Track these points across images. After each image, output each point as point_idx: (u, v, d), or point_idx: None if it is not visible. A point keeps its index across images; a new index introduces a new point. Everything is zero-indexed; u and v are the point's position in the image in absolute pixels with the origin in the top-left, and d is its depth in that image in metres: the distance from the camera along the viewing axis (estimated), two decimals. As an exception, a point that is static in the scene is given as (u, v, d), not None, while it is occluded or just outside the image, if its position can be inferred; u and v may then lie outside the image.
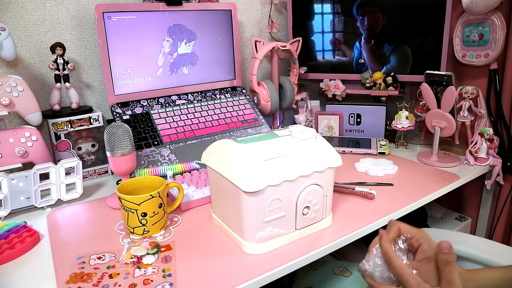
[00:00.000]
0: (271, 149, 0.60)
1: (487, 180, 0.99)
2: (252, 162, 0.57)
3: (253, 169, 0.56)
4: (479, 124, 0.99)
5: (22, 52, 0.92)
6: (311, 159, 0.61)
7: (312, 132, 0.64)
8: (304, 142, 0.63)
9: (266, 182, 0.55)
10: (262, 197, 0.56)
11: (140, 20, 0.97)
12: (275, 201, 0.58)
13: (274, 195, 0.57)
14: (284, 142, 0.63)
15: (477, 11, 0.94)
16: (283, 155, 0.60)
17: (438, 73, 0.91)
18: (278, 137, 0.64)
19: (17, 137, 0.81)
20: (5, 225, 0.68)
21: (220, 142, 0.64)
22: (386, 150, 1.03)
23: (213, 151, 0.65)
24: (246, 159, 0.57)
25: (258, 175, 0.55)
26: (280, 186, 0.57)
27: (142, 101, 1.00)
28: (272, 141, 0.63)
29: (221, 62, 1.14)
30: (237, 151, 0.59)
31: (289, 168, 0.58)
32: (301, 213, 0.62)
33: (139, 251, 0.59)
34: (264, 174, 0.56)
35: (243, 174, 0.56)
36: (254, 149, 0.59)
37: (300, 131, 0.64)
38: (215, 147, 0.65)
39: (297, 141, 0.63)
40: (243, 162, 0.57)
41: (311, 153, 0.62)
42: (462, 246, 0.79)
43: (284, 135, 0.65)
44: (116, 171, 0.75)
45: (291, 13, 1.26)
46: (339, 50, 1.26)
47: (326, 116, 1.17)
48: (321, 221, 0.66)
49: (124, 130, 0.74)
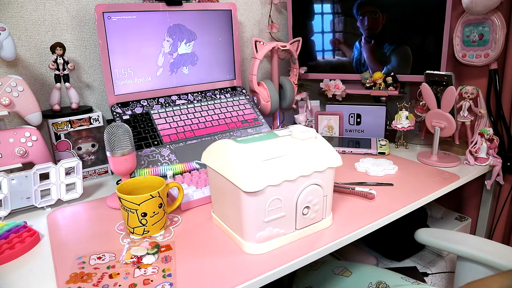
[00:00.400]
0: (271, 149, 0.60)
1: (487, 180, 0.99)
2: (252, 162, 0.57)
3: (253, 169, 0.56)
4: (479, 124, 0.99)
5: (22, 52, 0.92)
6: (311, 159, 0.61)
7: (312, 132, 0.64)
8: (304, 142, 0.63)
9: (266, 182, 0.56)
10: (262, 197, 0.56)
11: (140, 20, 0.97)
12: (275, 201, 0.58)
13: (274, 195, 0.57)
14: (284, 142, 0.63)
15: (477, 11, 0.94)
16: (283, 155, 0.60)
17: (438, 73, 0.91)
18: (278, 137, 0.64)
19: (17, 137, 0.81)
20: (5, 225, 0.68)
21: (220, 142, 0.64)
22: (386, 150, 1.03)
23: (213, 151, 0.65)
24: (246, 159, 0.57)
25: (258, 175, 0.55)
26: (280, 186, 0.57)
27: (142, 101, 1.00)
28: (272, 141, 0.63)
29: (221, 62, 1.14)
30: (237, 151, 0.59)
31: (289, 168, 0.58)
32: (301, 213, 0.62)
33: (139, 251, 0.59)
34: (264, 174, 0.56)
35: (243, 174, 0.56)
36: (254, 149, 0.59)
37: (300, 131, 0.64)
38: (215, 147, 0.65)
39: (297, 141, 0.63)
40: (243, 162, 0.57)
41: (311, 153, 0.62)
42: (462, 246, 0.79)
43: (284, 135, 0.65)
44: (116, 171, 0.75)
45: (291, 13, 1.26)
46: (339, 50, 1.26)
47: (326, 116, 1.17)
48: (321, 221, 0.66)
49: (124, 130, 0.74)
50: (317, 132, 0.66)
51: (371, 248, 1.30)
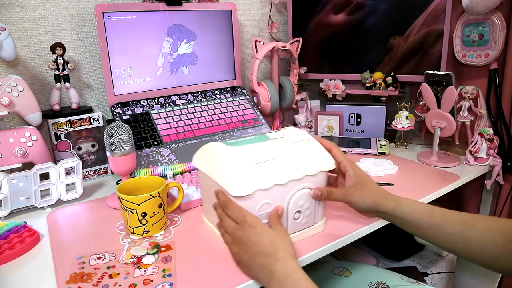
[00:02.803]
0: (261, 152, 0.59)
1: (487, 180, 0.99)
2: (241, 165, 0.55)
3: (242, 173, 0.55)
4: (479, 124, 0.99)
5: (22, 52, 0.92)
6: (302, 162, 0.59)
7: (305, 134, 0.62)
8: (296, 145, 0.61)
9: (256, 186, 0.54)
10: (251, 201, 0.55)
11: (140, 20, 0.97)
12: (265, 206, 0.56)
13: (264, 200, 0.56)
14: (275, 145, 0.61)
15: (477, 11, 0.94)
16: (273, 158, 0.58)
17: (438, 73, 0.91)
18: (269, 140, 0.62)
19: (17, 137, 0.81)
20: (5, 225, 0.68)
21: (210, 144, 0.62)
22: (386, 150, 1.03)
23: (203, 154, 0.63)
24: (235, 162, 0.56)
25: (247, 179, 0.54)
26: (270, 190, 0.56)
27: (142, 101, 1.00)
28: (263, 144, 0.61)
29: (221, 62, 1.14)
30: (226, 154, 0.58)
31: (279, 172, 0.57)
32: (292, 218, 0.60)
33: (139, 251, 0.59)
34: (254, 178, 0.54)
35: (231, 178, 0.54)
36: (244, 152, 0.58)
37: (292, 133, 0.62)
38: (205, 150, 0.63)
39: (289, 144, 0.61)
40: (232, 165, 0.56)
41: (302, 156, 0.60)
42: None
43: (276, 138, 0.63)
44: (116, 171, 0.75)
45: (291, 13, 1.26)
46: (339, 50, 1.26)
47: (326, 116, 1.17)
48: (313, 226, 0.64)
49: (124, 130, 0.74)
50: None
51: (371, 248, 1.31)
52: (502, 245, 0.54)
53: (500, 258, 0.54)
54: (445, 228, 0.58)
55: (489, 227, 0.56)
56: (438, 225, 0.59)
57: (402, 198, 0.62)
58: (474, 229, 0.56)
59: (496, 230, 0.55)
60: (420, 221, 0.59)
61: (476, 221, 0.57)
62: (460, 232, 0.57)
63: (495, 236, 0.54)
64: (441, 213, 0.59)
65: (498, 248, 0.54)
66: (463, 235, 0.57)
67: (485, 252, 0.55)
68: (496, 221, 0.57)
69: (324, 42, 1.26)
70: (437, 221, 0.59)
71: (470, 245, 0.56)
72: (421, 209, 0.60)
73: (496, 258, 0.55)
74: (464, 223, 0.57)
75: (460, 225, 0.57)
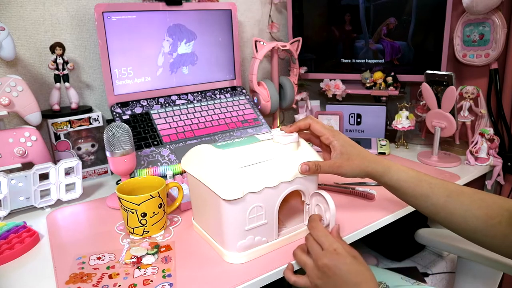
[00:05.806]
0: (251, 155, 0.58)
1: (488, 180, 0.99)
2: (231, 168, 0.55)
3: (233, 176, 0.54)
4: (479, 124, 0.99)
5: (22, 52, 0.91)
6: (293, 164, 0.59)
7: (294, 136, 0.62)
8: (286, 146, 0.61)
9: (247, 189, 0.53)
10: (242, 204, 0.54)
11: (140, 20, 0.97)
12: (256, 208, 0.56)
13: (255, 202, 0.55)
14: (265, 147, 0.60)
15: (477, 10, 0.94)
16: (264, 161, 0.57)
17: (438, 73, 0.91)
18: (259, 142, 0.62)
19: (16, 137, 0.81)
20: (5, 225, 0.68)
21: (199, 147, 0.61)
22: (387, 150, 1.03)
23: (192, 157, 0.62)
24: (225, 165, 0.55)
25: (238, 182, 0.53)
26: (261, 193, 0.55)
27: (142, 101, 1.00)
28: (252, 146, 0.60)
29: (221, 62, 1.14)
30: (215, 157, 0.57)
31: (270, 174, 0.56)
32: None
33: (139, 251, 0.59)
34: (244, 181, 0.54)
35: (222, 181, 0.54)
36: (234, 155, 0.57)
37: (281, 135, 0.61)
38: (194, 152, 0.62)
39: (279, 145, 0.61)
40: (222, 168, 0.55)
41: (293, 157, 0.60)
42: (463, 245, 0.79)
43: (266, 139, 0.62)
44: (116, 171, 0.75)
45: (291, 13, 1.26)
46: (340, 50, 1.26)
47: (326, 116, 1.17)
48: (304, 227, 0.64)
49: (124, 130, 0.73)
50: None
51: (371, 248, 1.30)
52: (483, 220, 0.55)
53: (480, 232, 0.56)
54: (430, 198, 0.60)
55: (474, 202, 0.57)
56: (424, 195, 0.60)
57: (392, 163, 0.63)
58: (458, 203, 0.58)
59: (482, 205, 0.56)
60: (407, 189, 0.61)
61: (462, 194, 0.58)
62: (444, 204, 0.58)
63: (478, 210, 0.56)
64: (427, 183, 0.61)
65: (480, 222, 0.55)
66: (447, 207, 0.58)
67: (466, 225, 0.57)
68: (482, 197, 0.57)
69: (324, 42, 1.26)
70: (422, 191, 0.60)
71: (452, 216, 0.58)
72: (408, 177, 0.61)
73: (476, 232, 0.56)
74: (449, 195, 0.59)
75: (445, 196, 0.59)
